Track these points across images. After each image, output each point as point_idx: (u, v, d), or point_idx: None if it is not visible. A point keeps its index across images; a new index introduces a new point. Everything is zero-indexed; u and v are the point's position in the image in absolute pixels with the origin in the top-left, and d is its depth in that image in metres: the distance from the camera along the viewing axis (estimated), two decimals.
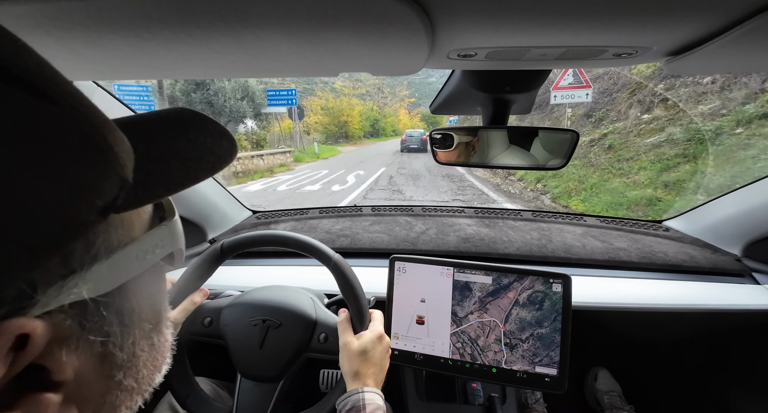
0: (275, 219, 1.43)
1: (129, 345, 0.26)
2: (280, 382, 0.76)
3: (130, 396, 0.27)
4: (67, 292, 0.20)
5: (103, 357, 0.24)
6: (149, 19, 0.38)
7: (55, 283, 0.19)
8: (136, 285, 0.26)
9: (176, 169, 0.26)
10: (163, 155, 0.25)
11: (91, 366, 0.23)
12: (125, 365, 0.25)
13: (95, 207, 0.20)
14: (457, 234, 1.26)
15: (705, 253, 1.17)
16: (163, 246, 0.27)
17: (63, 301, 0.20)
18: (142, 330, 0.27)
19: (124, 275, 0.24)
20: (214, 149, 0.28)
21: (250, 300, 0.81)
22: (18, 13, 0.37)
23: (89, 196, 0.19)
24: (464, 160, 0.79)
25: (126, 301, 0.25)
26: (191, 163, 0.27)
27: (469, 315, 0.89)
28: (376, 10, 0.36)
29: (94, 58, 0.50)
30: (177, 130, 0.27)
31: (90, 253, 0.21)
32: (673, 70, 0.53)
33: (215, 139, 0.29)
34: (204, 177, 0.28)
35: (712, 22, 0.40)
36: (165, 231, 0.27)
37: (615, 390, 1.31)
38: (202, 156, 0.27)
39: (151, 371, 0.29)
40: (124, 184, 0.21)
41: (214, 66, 0.54)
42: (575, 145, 0.72)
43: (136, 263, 0.25)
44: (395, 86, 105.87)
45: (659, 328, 1.19)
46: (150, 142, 0.25)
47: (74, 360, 0.21)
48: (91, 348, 0.23)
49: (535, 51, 0.49)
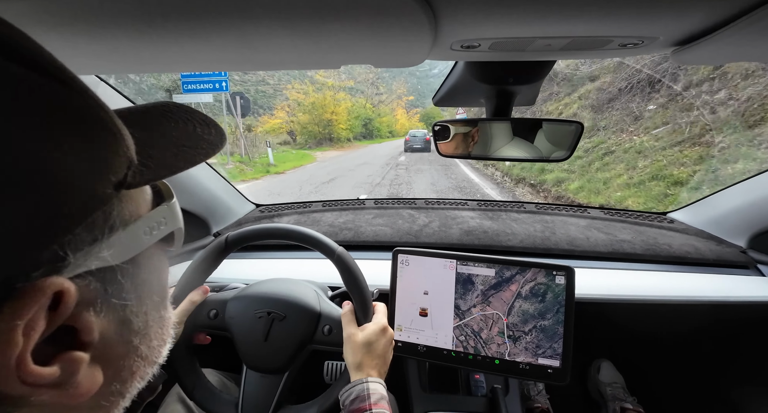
0: (278, 213, 1.43)
1: (143, 314, 0.29)
2: (285, 373, 0.77)
3: (144, 365, 0.30)
4: (93, 257, 0.23)
5: (123, 321, 0.27)
6: (151, 13, 0.38)
7: (83, 249, 0.22)
8: (145, 258, 0.28)
9: (173, 154, 0.28)
10: (159, 141, 0.28)
11: (113, 329, 0.26)
12: (141, 332, 0.29)
13: (110, 182, 0.23)
14: (460, 227, 1.26)
15: (710, 245, 1.16)
16: (166, 223, 0.30)
17: (90, 266, 0.22)
18: (153, 301, 0.30)
19: (137, 247, 0.27)
20: (204, 136, 0.31)
21: (254, 292, 0.82)
22: (21, 8, 0.37)
23: (106, 172, 0.22)
24: (467, 151, 0.78)
25: (139, 272, 0.28)
26: (187, 149, 0.29)
27: (472, 308, 0.90)
28: (379, 1, 0.35)
29: (97, 52, 0.50)
30: (167, 120, 0.30)
31: (108, 223, 0.23)
32: (680, 61, 0.52)
33: (204, 128, 0.32)
34: (200, 160, 0.30)
35: (719, 11, 0.39)
36: (167, 210, 0.30)
37: (618, 382, 1.32)
38: (195, 143, 0.30)
39: (159, 343, 0.32)
40: (131, 164, 0.24)
41: (215, 59, 0.54)
42: (580, 136, 0.71)
43: (145, 237, 0.27)
44: (391, 81, 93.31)
45: (663, 320, 1.19)
46: (144, 130, 0.27)
47: (99, 322, 0.24)
48: (113, 312, 0.25)
49: (539, 42, 0.48)
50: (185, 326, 0.77)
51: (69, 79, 0.21)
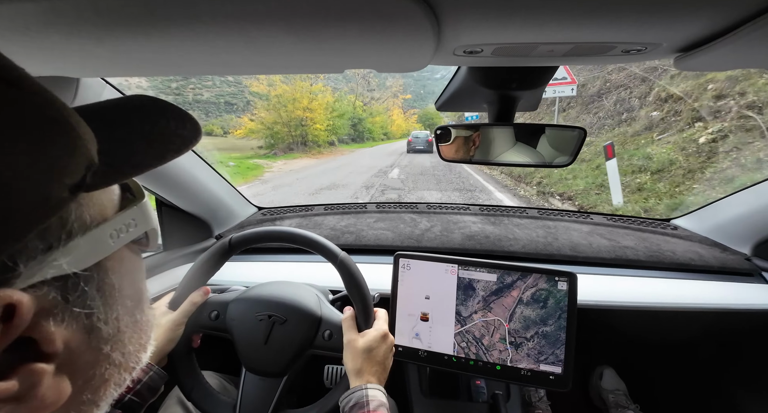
0: (280, 216, 1.44)
1: (113, 320, 0.27)
2: (284, 377, 0.77)
3: (118, 372, 0.29)
4: (48, 266, 0.21)
5: (90, 330, 0.25)
6: (156, 16, 0.38)
7: (36, 257, 0.21)
8: (114, 262, 0.27)
9: (141, 151, 0.27)
10: (126, 137, 0.26)
11: (79, 339, 0.25)
12: (111, 339, 0.27)
13: (65, 185, 0.21)
14: (462, 232, 1.26)
15: (714, 252, 1.16)
16: (135, 225, 0.29)
17: (45, 275, 0.21)
18: (125, 306, 0.29)
19: (101, 251, 0.26)
20: (177, 132, 0.29)
21: (256, 295, 0.82)
22: (28, 10, 0.37)
23: (59, 175, 0.20)
24: (469, 156, 0.78)
25: (106, 278, 0.27)
26: (156, 145, 0.28)
27: (473, 314, 0.89)
28: (382, 6, 0.36)
29: (103, 55, 0.50)
30: (138, 114, 0.28)
31: (65, 229, 0.22)
32: (683, 67, 0.52)
33: (178, 123, 0.30)
34: (171, 157, 0.29)
35: (723, 18, 0.39)
36: (136, 211, 0.29)
37: (620, 389, 1.31)
38: (167, 138, 0.29)
39: (136, 348, 0.31)
40: (90, 164, 0.22)
41: (219, 63, 0.54)
42: (582, 142, 0.71)
43: (111, 241, 0.26)
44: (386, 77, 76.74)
45: (666, 327, 1.18)
46: (112, 127, 0.26)
47: (62, 332, 0.23)
48: (77, 320, 0.24)
49: (542, 47, 0.48)
50: (186, 327, 0.77)
51: (9, 75, 0.19)
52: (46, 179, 0.20)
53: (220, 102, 64.52)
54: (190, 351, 0.80)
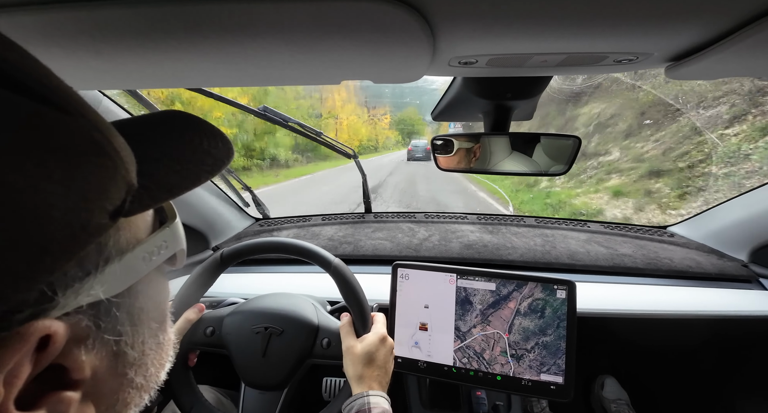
0: (278, 227, 1.43)
1: (139, 344, 0.27)
2: (285, 390, 0.76)
3: (139, 394, 0.28)
4: (84, 293, 0.20)
5: (117, 355, 0.25)
6: (154, 28, 0.39)
7: (73, 285, 0.20)
8: (143, 285, 0.26)
9: (175, 172, 0.26)
10: (161, 158, 0.25)
11: (106, 365, 0.24)
12: (136, 363, 0.27)
13: (106, 211, 0.20)
14: (460, 241, 1.26)
15: (711, 259, 1.16)
16: (167, 247, 0.28)
17: (81, 302, 0.20)
18: (150, 329, 0.28)
19: (134, 276, 0.25)
20: (210, 151, 0.28)
21: (251, 308, 0.81)
22: (26, 22, 0.38)
23: (100, 201, 0.20)
24: (465, 166, 0.79)
25: (135, 301, 0.26)
26: (190, 166, 0.27)
27: (472, 328, 0.89)
28: (377, 18, 0.36)
29: (100, 67, 0.51)
30: (172, 132, 0.27)
31: (102, 256, 0.22)
32: (674, 76, 0.53)
33: (211, 141, 0.29)
34: (205, 179, 0.28)
35: (712, 27, 0.40)
36: (168, 233, 0.28)
37: (622, 398, 1.29)
38: (199, 158, 0.27)
39: (157, 369, 0.30)
40: (130, 188, 0.22)
41: (217, 75, 0.55)
42: (578, 150, 0.72)
43: (143, 264, 0.25)
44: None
45: (666, 335, 1.18)
46: (146, 145, 0.25)
47: (91, 359, 0.22)
48: (106, 347, 0.24)
49: (536, 58, 0.49)
50: (181, 345, 0.76)
51: (58, 99, 0.19)
52: (86, 206, 0.19)
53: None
54: (187, 369, 0.78)
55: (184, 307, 0.78)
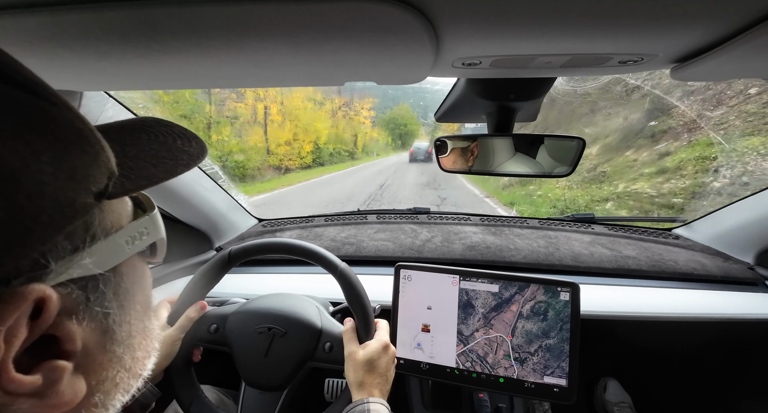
0: (280, 227, 1.43)
1: (126, 323, 0.29)
2: (285, 391, 0.76)
3: (128, 376, 0.30)
4: (75, 266, 0.23)
5: (105, 331, 0.27)
6: (159, 30, 0.39)
7: (64, 257, 0.22)
8: (128, 268, 0.29)
9: (152, 165, 0.29)
10: (138, 154, 0.29)
11: (96, 339, 0.26)
12: (124, 342, 0.29)
13: (91, 192, 0.23)
14: (463, 242, 1.26)
15: (716, 261, 1.15)
16: (148, 233, 0.31)
17: (72, 274, 0.23)
18: (136, 311, 0.30)
19: (119, 256, 0.27)
20: (184, 148, 0.32)
21: (255, 307, 0.81)
22: (32, 24, 0.38)
23: (85, 183, 0.22)
24: (468, 167, 0.79)
25: (121, 281, 0.28)
26: (166, 161, 0.30)
27: (475, 332, 0.88)
28: (381, 20, 0.36)
29: (106, 69, 0.51)
30: (146, 134, 0.31)
31: (89, 232, 0.24)
32: (679, 77, 0.53)
33: (184, 141, 0.32)
34: (181, 171, 0.31)
35: (718, 28, 0.40)
36: (148, 220, 0.31)
37: (625, 401, 1.28)
38: (174, 154, 0.31)
39: (144, 355, 0.32)
40: (111, 175, 0.25)
41: (221, 76, 0.55)
42: (582, 152, 0.72)
43: (127, 247, 0.28)
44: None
45: (670, 338, 1.17)
46: (124, 145, 0.29)
47: (82, 331, 0.24)
48: (96, 320, 0.26)
49: (539, 59, 0.49)
50: (183, 341, 0.76)
51: (47, 93, 0.21)
52: (73, 185, 0.22)
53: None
54: (189, 366, 0.79)
55: (189, 304, 0.79)
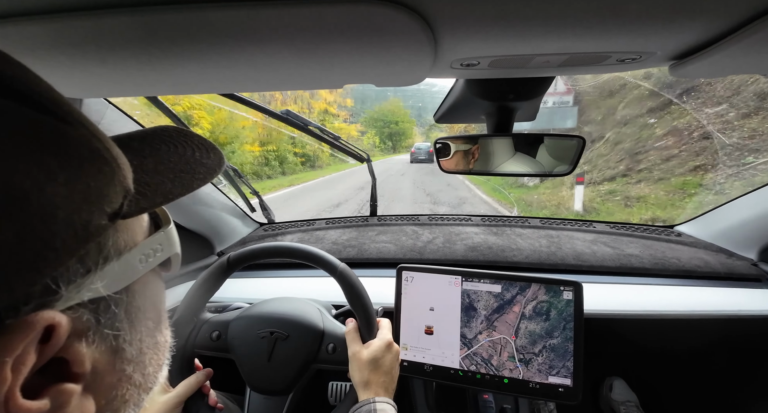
0: (282, 231, 1.44)
1: (137, 342, 0.28)
2: (290, 395, 0.75)
3: (138, 392, 0.29)
4: (86, 289, 0.22)
5: (116, 351, 0.26)
6: (158, 37, 0.39)
7: (75, 281, 0.21)
8: (140, 286, 0.28)
9: (170, 180, 0.28)
10: (156, 168, 0.28)
11: (105, 360, 0.25)
12: (134, 360, 0.28)
13: (105, 213, 0.22)
14: (465, 243, 1.25)
15: (719, 258, 1.14)
16: (162, 250, 0.30)
17: (83, 297, 0.22)
18: (147, 328, 0.30)
19: (132, 275, 0.27)
20: (202, 161, 0.31)
21: (257, 312, 0.81)
22: (33, 31, 0.38)
23: (100, 204, 0.22)
24: (468, 167, 0.79)
25: (133, 300, 0.28)
26: (184, 175, 0.29)
27: (478, 335, 0.88)
28: (379, 22, 0.36)
29: (107, 75, 0.51)
30: (166, 145, 0.30)
31: (102, 254, 0.23)
32: (678, 74, 0.53)
33: (203, 152, 0.32)
34: (198, 186, 0.30)
35: (715, 25, 0.40)
36: (163, 236, 0.30)
37: (631, 401, 1.27)
38: (192, 167, 0.30)
39: (155, 369, 0.31)
40: (127, 193, 0.24)
41: (221, 81, 0.55)
42: (582, 151, 0.72)
43: (140, 265, 0.27)
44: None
45: (675, 336, 1.16)
46: (143, 157, 0.28)
47: (91, 353, 0.24)
48: (105, 342, 0.25)
49: (538, 59, 0.49)
50: (185, 349, 0.76)
51: (62, 111, 0.21)
52: (88, 207, 0.21)
53: None
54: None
55: (191, 311, 0.78)
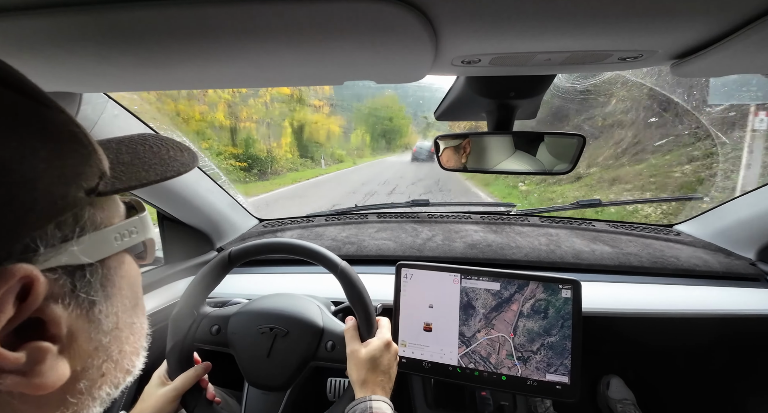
0: (281, 227, 1.44)
1: (113, 315, 0.30)
2: (288, 390, 0.76)
3: (115, 368, 0.31)
4: (64, 253, 0.25)
5: (91, 320, 0.28)
6: (158, 32, 0.39)
7: (53, 244, 0.24)
8: (116, 263, 0.31)
9: (144, 170, 0.32)
10: (132, 161, 0.32)
11: (81, 326, 0.27)
12: (110, 333, 0.30)
13: (82, 188, 0.25)
14: (464, 241, 1.26)
15: (718, 258, 1.15)
16: (137, 232, 0.33)
17: (60, 260, 0.24)
18: (124, 305, 0.32)
19: (107, 249, 0.29)
20: (176, 157, 0.35)
21: (257, 308, 0.81)
22: (32, 27, 0.38)
23: (77, 179, 0.25)
24: (469, 165, 0.78)
25: (108, 274, 0.30)
26: (157, 167, 0.33)
27: (477, 333, 0.88)
28: (380, 19, 0.36)
29: (105, 71, 0.51)
30: (142, 146, 0.34)
31: (78, 224, 0.26)
32: (679, 73, 0.52)
33: (177, 152, 0.36)
34: (171, 175, 0.33)
35: (717, 24, 0.40)
36: (137, 221, 0.33)
37: (628, 399, 1.28)
38: (166, 162, 0.34)
39: (132, 350, 0.33)
40: (103, 175, 0.27)
41: (221, 77, 0.55)
42: (582, 149, 0.71)
43: (116, 242, 0.30)
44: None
45: (673, 334, 1.17)
46: (119, 153, 0.32)
47: (67, 316, 0.26)
48: (81, 307, 0.27)
49: (539, 56, 0.49)
50: (184, 342, 0.76)
51: (42, 96, 0.24)
52: (65, 180, 0.24)
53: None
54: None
55: (191, 306, 0.79)
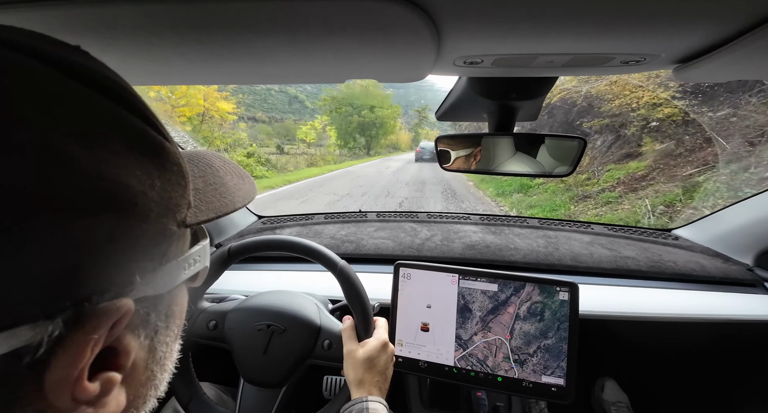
0: (280, 225, 1.43)
1: (165, 344, 0.30)
2: (283, 388, 0.76)
3: (154, 394, 0.30)
4: (151, 284, 0.24)
5: (151, 349, 0.27)
6: (161, 26, 0.39)
7: (146, 276, 0.24)
8: (178, 291, 0.30)
9: (216, 200, 0.32)
10: (204, 188, 0.32)
11: (143, 356, 0.27)
12: (160, 362, 0.29)
13: (176, 220, 0.25)
14: (463, 241, 1.26)
15: (715, 263, 1.15)
16: (199, 261, 0.32)
17: (146, 292, 0.24)
18: (174, 333, 0.31)
19: (177, 279, 0.28)
20: (239, 186, 0.36)
21: (255, 304, 0.81)
22: (31, 18, 0.38)
23: (174, 211, 0.25)
24: (469, 166, 0.78)
25: (171, 303, 0.30)
26: (227, 197, 0.33)
27: (473, 336, 0.88)
28: (383, 17, 0.36)
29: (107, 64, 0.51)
30: (209, 167, 0.34)
31: (166, 256, 0.26)
32: (682, 78, 0.52)
33: (239, 180, 0.36)
34: (239, 207, 0.34)
35: (721, 29, 0.40)
36: (201, 250, 0.33)
37: (622, 401, 1.29)
38: (232, 191, 0.34)
39: (167, 377, 0.32)
40: (189, 205, 0.27)
41: (222, 72, 0.55)
42: (582, 152, 0.71)
43: (183, 272, 0.29)
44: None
45: (668, 338, 1.17)
46: (193, 177, 0.31)
47: (136, 347, 0.25)
48: (148, 338, 0.27)
49: (541, 58, 0.49)
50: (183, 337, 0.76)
51: (164, 129, 0.24)
52: (168, 212, 0.24)
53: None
54: (188, 362, 0.79)
55: (190, 299, 0.78)
